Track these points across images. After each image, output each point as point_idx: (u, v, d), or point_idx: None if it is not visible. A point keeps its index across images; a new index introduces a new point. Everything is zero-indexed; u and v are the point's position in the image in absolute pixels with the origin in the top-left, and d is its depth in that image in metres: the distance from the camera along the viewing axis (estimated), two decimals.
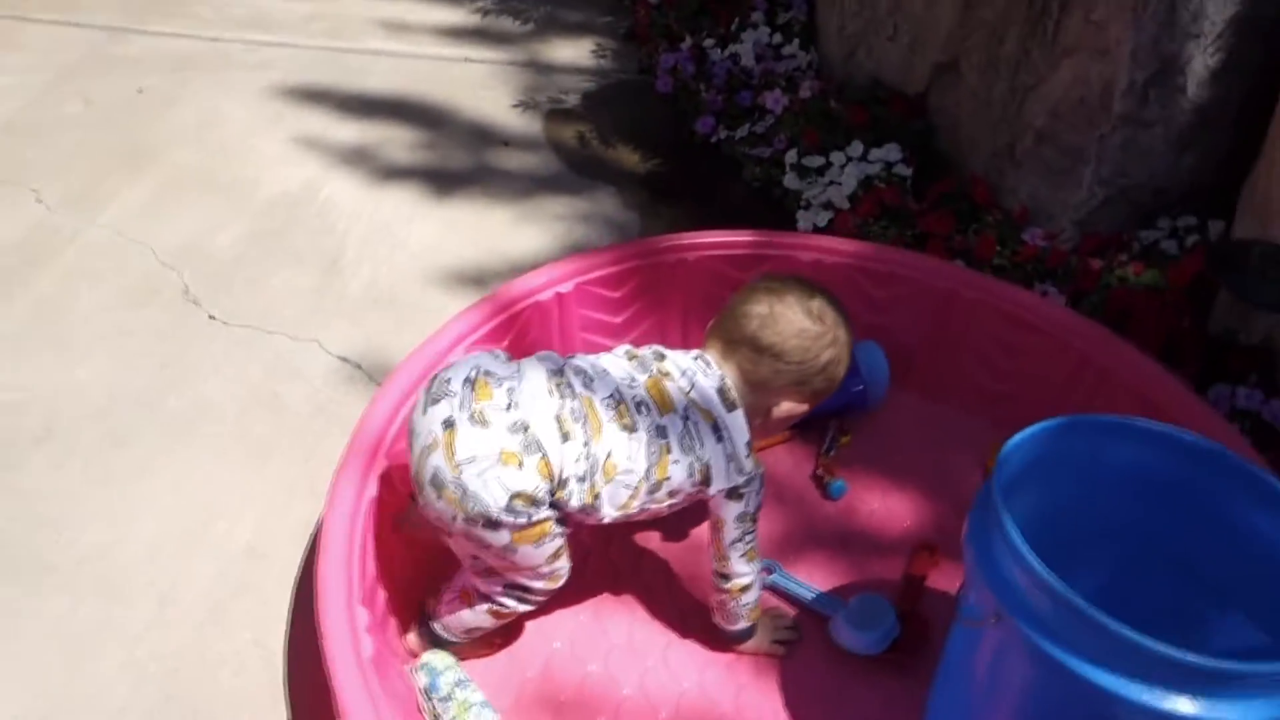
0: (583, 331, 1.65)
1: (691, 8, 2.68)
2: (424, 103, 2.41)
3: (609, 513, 1.21)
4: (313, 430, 1.59)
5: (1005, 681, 1.06)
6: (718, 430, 1.23)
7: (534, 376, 1.20)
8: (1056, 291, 1.77)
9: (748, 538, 1.27)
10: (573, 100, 2.47)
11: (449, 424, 1.14)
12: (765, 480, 1.28)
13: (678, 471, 1.22)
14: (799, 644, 1.36)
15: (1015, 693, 1.06)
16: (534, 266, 1.65)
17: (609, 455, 1.19)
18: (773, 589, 1.43)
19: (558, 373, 1.22)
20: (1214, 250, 1.62)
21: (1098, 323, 1.62)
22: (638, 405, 1.23)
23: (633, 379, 1.25)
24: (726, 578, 1.28)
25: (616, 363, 1.28)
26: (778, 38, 2.51)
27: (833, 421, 1.64)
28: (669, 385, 1.25)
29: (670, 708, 1.28)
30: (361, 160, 2.21)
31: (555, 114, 2.41)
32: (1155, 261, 1.82)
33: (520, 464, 1.13)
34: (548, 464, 1.14)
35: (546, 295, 1.59)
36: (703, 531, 1.43)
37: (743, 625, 1.32)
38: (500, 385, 1.17)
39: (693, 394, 1.25)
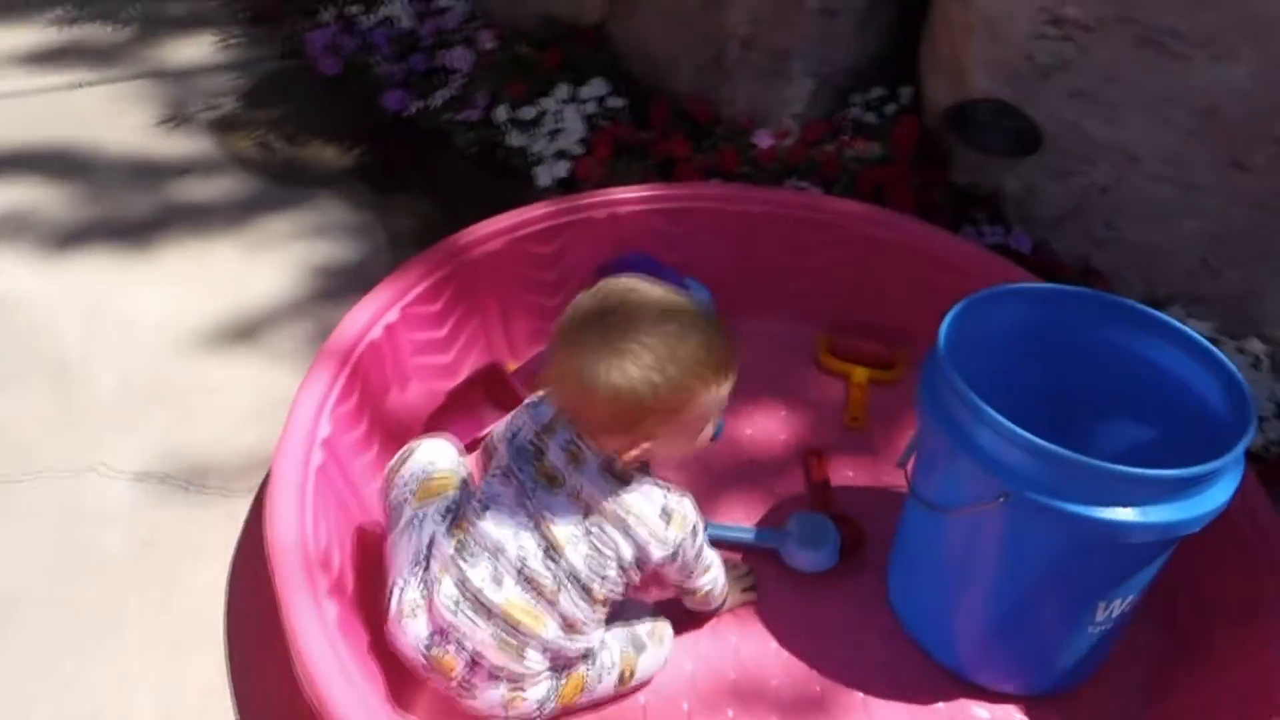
0: (414, 357, 1.51)
1: None
2: (57, 146, 2.02)
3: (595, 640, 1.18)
4: (153, 569, 1.32)
5: (1012, 543, 1.17)
6: (624, 525, 1.11)
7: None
8: (810, 185, 1.90)
9: (700, 564, 1.21)
10: (229, 104, 2.19)
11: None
12: (692, 511, 1.16)
13: (611, 585, 1.14)
14: (764, 583, 1.40)
15: (1022, 548, 1.17)
16: (295, 300, 1.49)
17: (557, 635, 1.13)
18: (712, 542, 1.45)
19: (462, 599, 1.11)
20: (947, 112, 1.82)
21: (872, 205, 1.77)
22: (545, 565, 1.11)
23: (521, 544, 1.11)
24: (692, 591, 1.26)
25: (500, 524, 1.12)
26: None
27: None
28: (558, 510, 1.12)
29: (690, 696, 1.27)
30: (19, 235, 1.83)
31: (217, 124, 2.13)
32: (870, 135, 2.00)
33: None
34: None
35: (377, 332, 1.43)
36: None
37: (716, 604, 1.32)
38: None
39: (583, 495, 1.11)
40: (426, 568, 1.14)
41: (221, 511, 1.40)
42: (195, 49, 2.36)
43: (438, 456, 1.25)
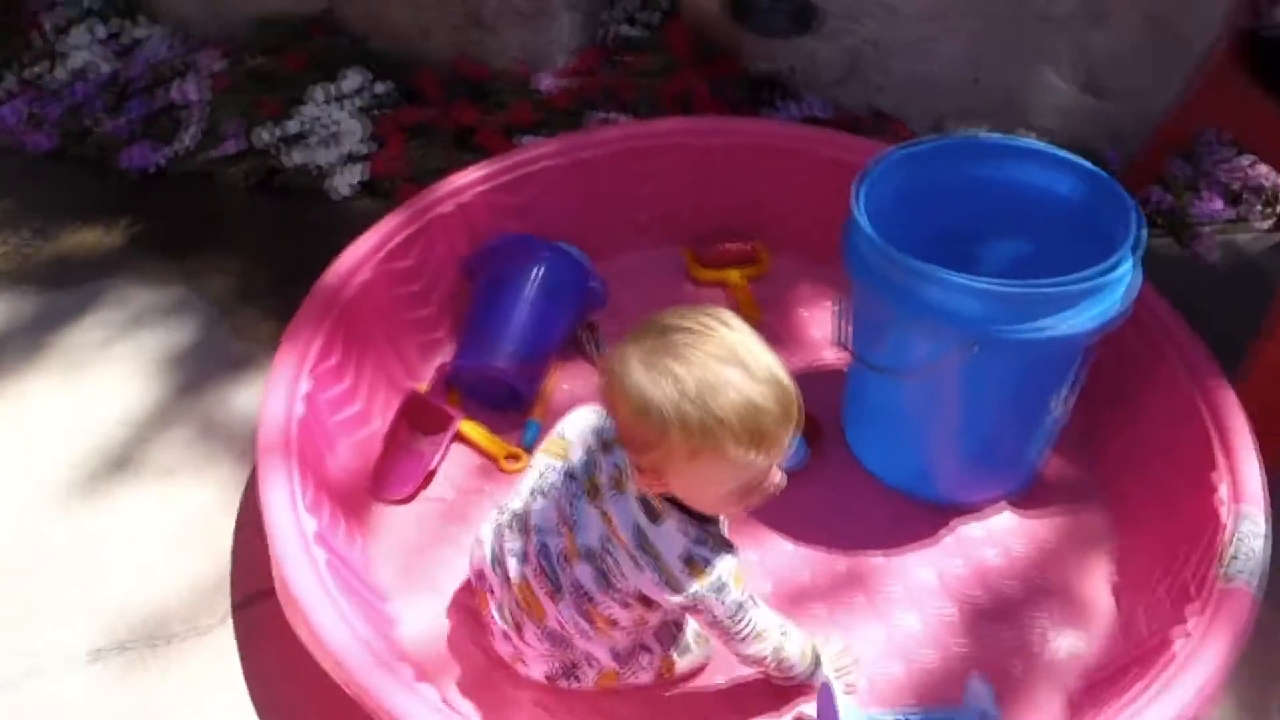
0: (332, 417, 1.42)
1: None
2: None
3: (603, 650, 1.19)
4: None
5: (975, 383, 1.29)
6: (635, 560, 1.09)
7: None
8: (613, 114, 1.91)
9: (739, 628, 1.13)
10: None
11: None
12: (735, 573, 1.10)
13: (616, 613, 1.14)
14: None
15: (984, 384, 1.29)
16: (152, 408, 1.43)
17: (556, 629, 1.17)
18: None
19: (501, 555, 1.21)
20: (730, 6, 1.86)
21: (687, 116, 1.81)
22: (558, 567, 1.15)
23: (546, 539, 1.16)
24: (750, 660, 1.18)
25: (542, 513, 1.17)
26: (114, 25, 2.12)
27: (583, 331, 1.65)
28: (585, 523, 1.13)
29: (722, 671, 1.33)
30: None
31: None
32: (641, 46, 2.03)
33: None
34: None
35: (300, 409, 1.33)
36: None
37: (797, 677, 1.22)
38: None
39: (610, 517, 1.11)
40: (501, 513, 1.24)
41: (207, 650, 1.28)
42: None
43: (575, 421, 1.22)
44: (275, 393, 1.33)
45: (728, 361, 0.97)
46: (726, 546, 1.10)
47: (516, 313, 1.53)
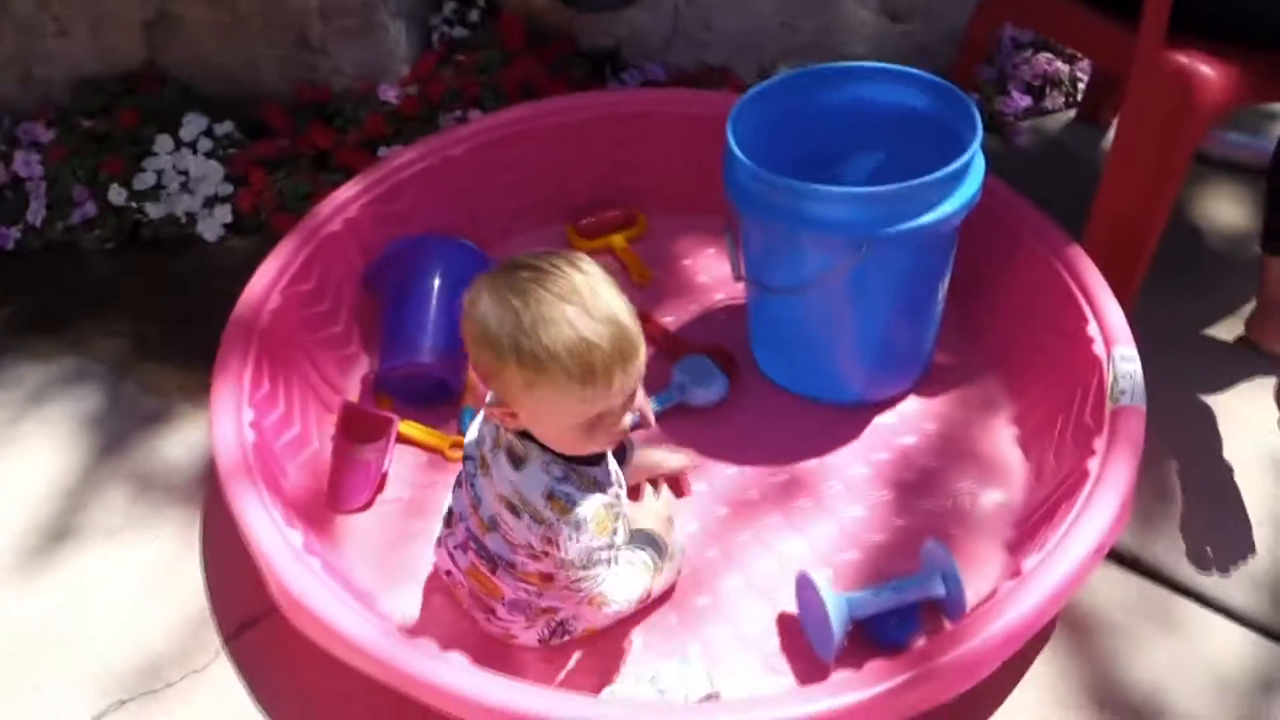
0: (275, 441, 1.43)
1: None
2: None
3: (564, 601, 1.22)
4: None
5: (868, 284, 1.43)
6: (514, 511, 1.13)
7: None
8: (462, 113, 1.96)
9: (581, 584, 1.14)
10: None
11: None
12: (599, 516, 1.12)
13: (534, 565, 1.18)
14: (687, 431, 1.54)
15: (876, 283, 1.43)
16: (79, 476, 1.44)
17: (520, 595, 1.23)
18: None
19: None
20: None
21: (537, 101, 1.89)
22: (484, 544, 1.21)
23: (468, 523, 1.24)
24: (569, 589, 1.18)
25: (458, 500, 1.27)
26: None
27: None
28: (483, 495, 1.18)
29: (709, 544, 1.42)
30: None
31: None
32: (473, 45, 2.08)
33: None
34: None
35: (251, 435, 1.34)
36: None
37: (609, 614, 1.22)
38: None
39: (494, 480, 1.15)
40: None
41: (210, 686, 1.29)
42: None
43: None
44: (223, 423, 1.34)
45: (567, 299, 1.01)
46: (596, 488, 1.13)
47: (428, 309, 1.58)
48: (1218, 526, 1.43)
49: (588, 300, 1.02)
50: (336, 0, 1.95)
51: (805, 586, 1.30)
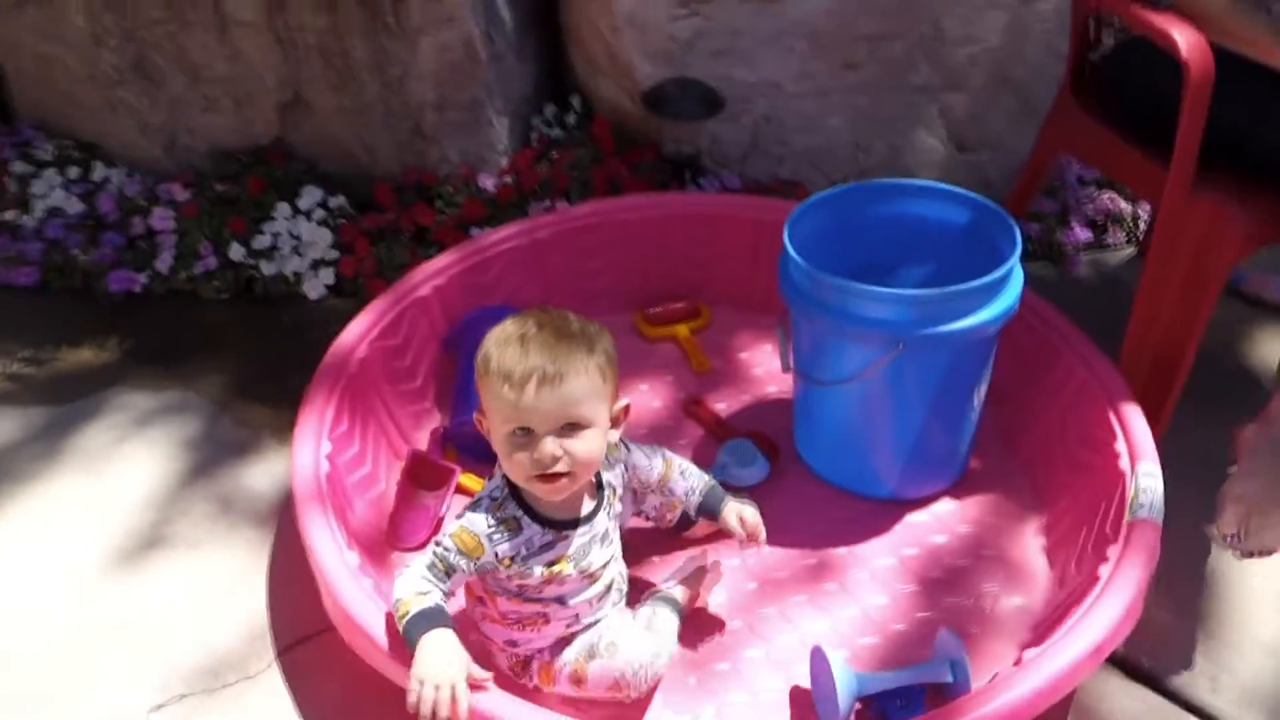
0: (348, 477, 1.57)
1: None
2: None
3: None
4: None
5: (906, 382, 1.52)
6: None
7: None
8: (551, 203, 2.14)
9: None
10: None
11: None
12: (461, 535, 1.25)
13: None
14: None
15: (913, 381, 1.53)
16: (172, 492, 1.61)
17: None
18: None
19: None
20: (645, 96, 2.13)
21: (622, 196, 2.06)
22: None
23: None
24: None
25: None
26: (75, 172, 2.28)
27: None
28: None
29: (734, 614, 1.51)
30: None
31: None
32: (567, 143, 2.28)
33: None
34: None
35: (326, 467, 1.48)
36: None
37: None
38: None
39: None
40: None
41: (261, 692, 1.41)
42: None
43: None
44: (303, 450, 1.49)
45: (527, 319, 1.26)
46: (497, 512, 1.27)
47: None
48: (1234, 650, 1.46)
49: (549, 329, 1.23)
50: (450, 96, 2.17)
51: (818, 659, 1.36)
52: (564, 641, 1.35)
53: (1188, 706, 1.39)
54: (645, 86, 2.15)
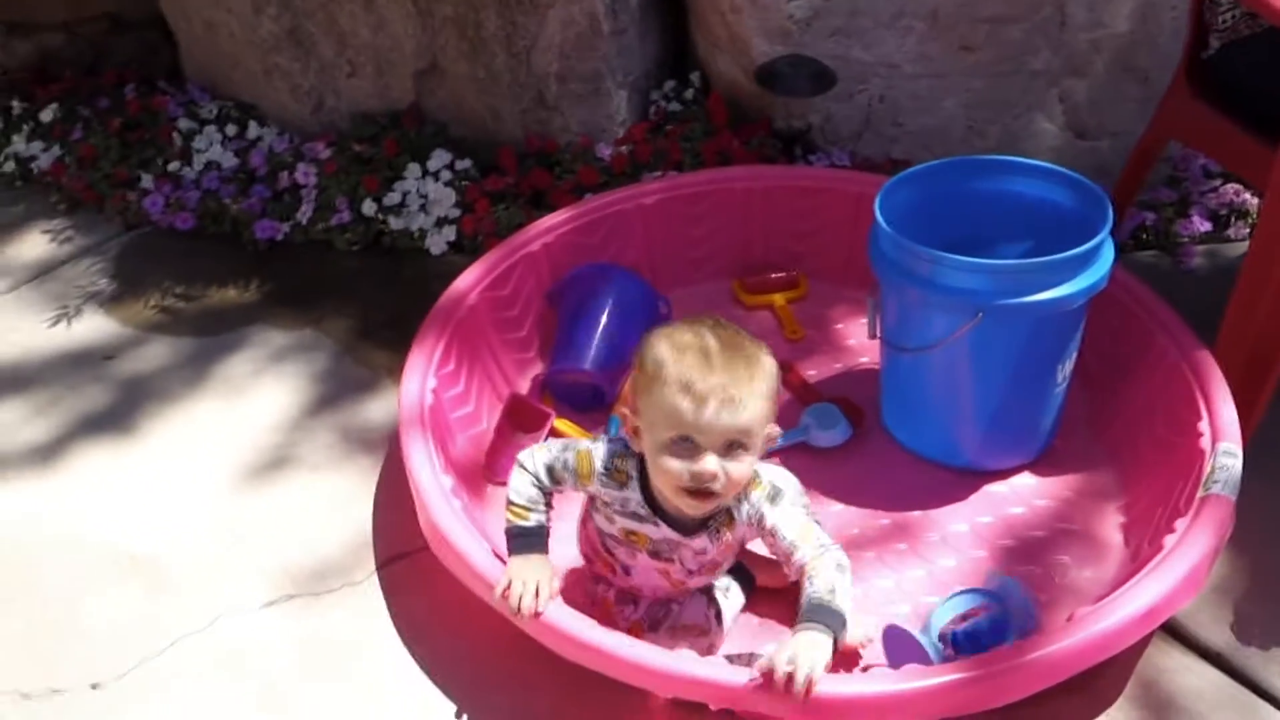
0: (452, 413, 1.70)
1: (113, 153, 2.51)
2: None
3: None
4: (330, 670, 1.45)
5: (987, 351, 1.56)
6: None
7: None
8: (675, 171, 2.22)
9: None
10: (105, 286, 2.21)
11: None
12: (580, 453, 1.32)
13: None
14: (807, 472, 1.62)
15: (995, 352, 1.56)
16: (296, 420, 1.78)
17: None
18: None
19: None
20: (758, 72, 2.20)
21: (732, 166, 2.14)
22: None
23: None
24: None
25: None
26: (233, 129, 2.50)
27: None
28: None
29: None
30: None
31: (107, 307, 2.16)
32: (683, 117, 2.36)
33: None
34: None
35: (430, 399, 1.62)
36: None
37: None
38: None
39: None
40: None
41: (360, 599, 1.55)
42: (34, 249, 2.36)
43: None
44: (411, 381, 1.62)
45: (726, 341, 1.23)
46: (617, 460, 1.30)
47: (597, 326, 1.82)
48: None
49: (727, 343, 1.22)
50: (572, 68, 2.28)
51: (892, 633, 1.39)
52: (626, 594, 1.44)
53: (1255, 688, 1.39)
54: (759, 63, 2.21)
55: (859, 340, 1.96)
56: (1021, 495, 1.67)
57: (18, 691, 1.46)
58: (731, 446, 1.21)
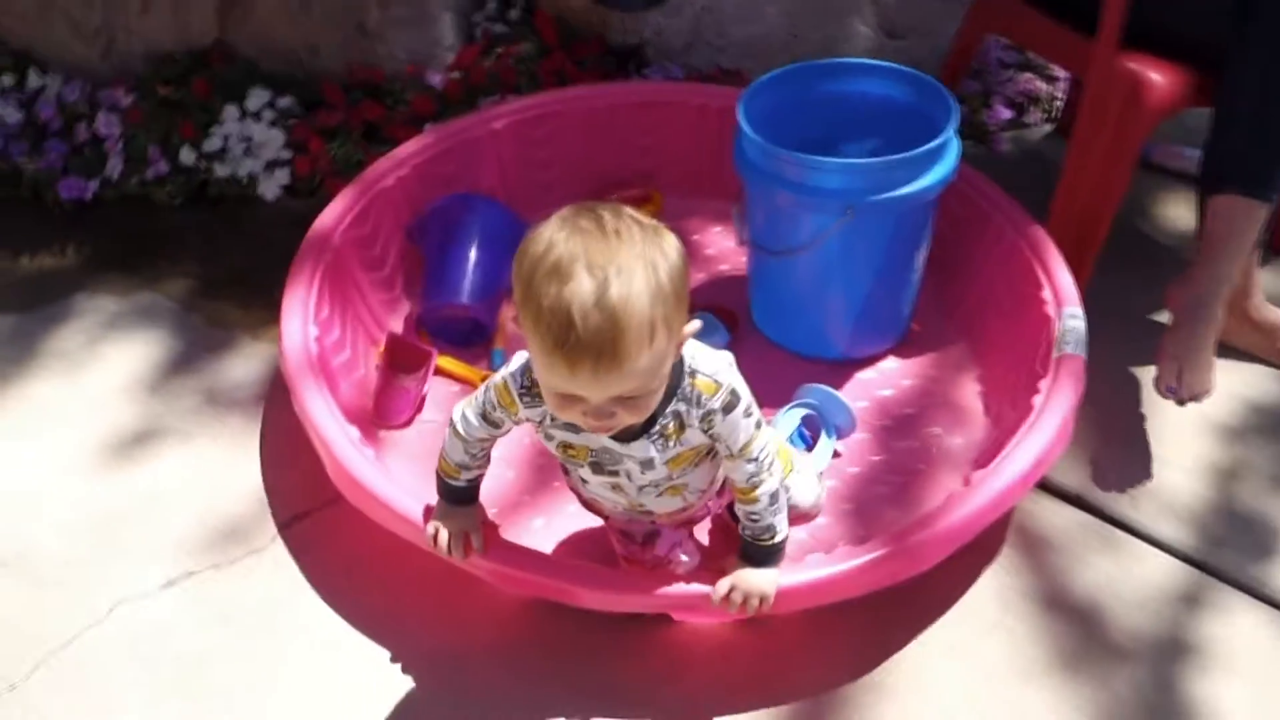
0: (333, 358, 1.64)
1: None
2: None
3: None
4: (250, 646, 1.39)
5: (855, 248, 1.64)
6: None
7: None
8: (499, 97, 2.18)
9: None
10: None
11: None
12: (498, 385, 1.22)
13: None
14: None
15: (862, 247, 1.65)
16: (152, 387, 1.66)
17: None
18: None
19: None
20: None
21: (573, 86, 2.12)
22: None
23: None
24: None
25: None
26: (8, 79, 2.24)
27: None
28: None
29: None
30: None
31: None
32: (512, 39, 2.31)
33: None
34: None
35: (314, 348, 1.55)
36: None
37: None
38: None
39: None
40: None
41: (267, 565, 1.49)
42: None
43: None
44: (291, 330, 1.56)
45: (593, 269, 1.01)
46: (528, 375, 1.18)
47: (468, 258, 1.79)
48: (1151, 473, 1.63)
49: (608, 283, 1.01)
50: None
51: None
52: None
53: (1113, 521, 1.57)
54: None
55: (718, 249, 2.02)
56: (889, 378, 1.78)
57: None
58: (622, 397, 1.07)
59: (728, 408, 1.20)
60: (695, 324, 1.15)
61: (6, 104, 2.21)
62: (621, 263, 1.02)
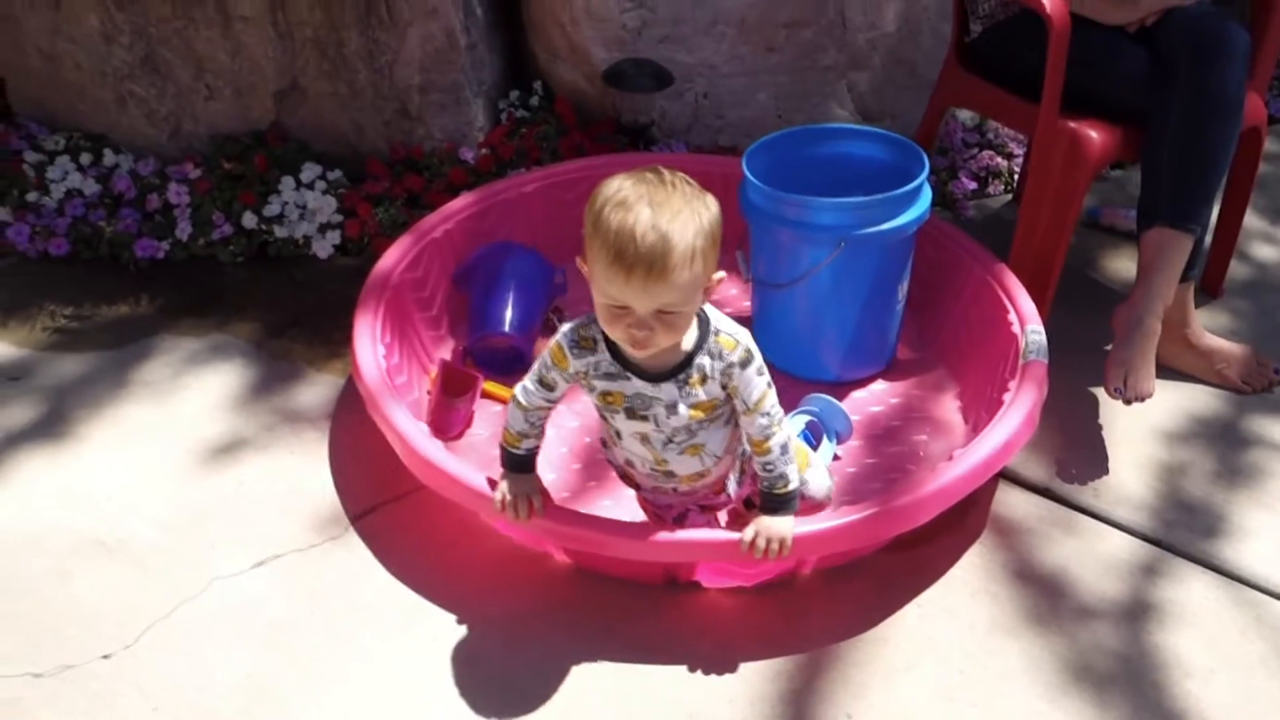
0: (394, 379, 1.87)
1: None
2: None
3: None
4: (332, 623, 1.58)
5: (846, 277, 1.91)
6: None
7: None
8: (523, 170, 2.47)
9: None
10: None
11: None
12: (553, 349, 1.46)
13: None
14: None
15: (851, 277, 1.92)
16: (237, 408, 1.75)
17: None
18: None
19: None
20: (606, 73, 2.50)
21: (591, 157, 2.41)
22: None
23: None
24: None
25: None
26: (85, 158, 2.52)
27: (551, 314, 2.17)
28: None
29: None
30: None
31: None
32: (534, 121, 2.62)
33: None
34: None
35: (379, 375, 1.79)
36: None
37: None
38: None
39: None
40: None
41: (346, 550, 1.70)
42: None
43: None
44: (363, 348, 1.81)
45: (651, 204, 1.28)
46: (581, 330, 1.44)
47: (508, 295, 2.05)
48: (1109, 470, 1.88)
49: (662, 214, 1.28)
50: (433, 81, 2.49)
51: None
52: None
53: (1076, 508, 1.80)
54: (604, 67, 2.51)
55: (721, 295, 2.29)
56: (879, 397, 2.04)
57: (29, 673, 1.51)
58: (663, 311, 1.31)
59: (744, 363, 1.44)
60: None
61: (86, 179, 2.48)
62: (675, 205, 1.30)
